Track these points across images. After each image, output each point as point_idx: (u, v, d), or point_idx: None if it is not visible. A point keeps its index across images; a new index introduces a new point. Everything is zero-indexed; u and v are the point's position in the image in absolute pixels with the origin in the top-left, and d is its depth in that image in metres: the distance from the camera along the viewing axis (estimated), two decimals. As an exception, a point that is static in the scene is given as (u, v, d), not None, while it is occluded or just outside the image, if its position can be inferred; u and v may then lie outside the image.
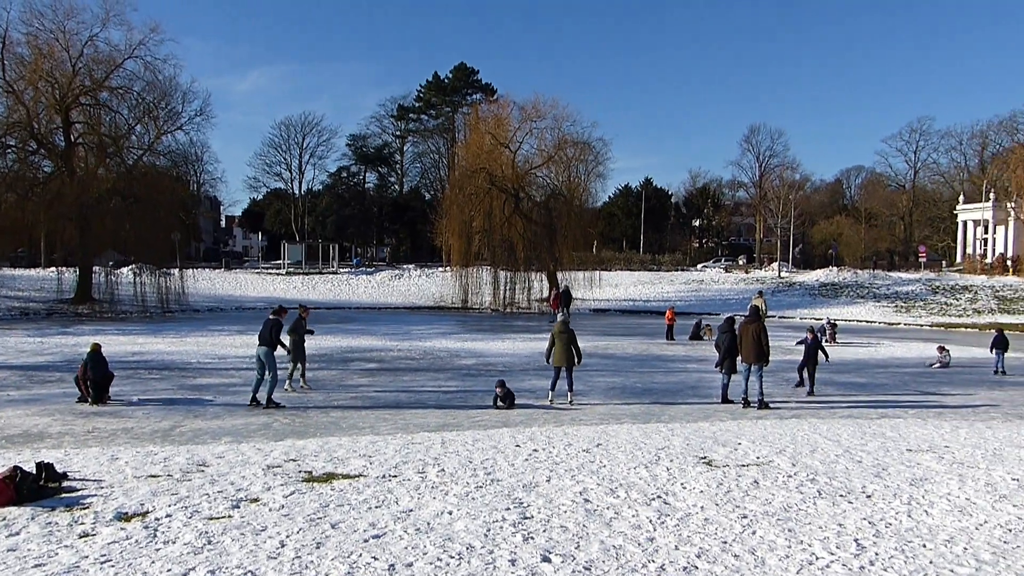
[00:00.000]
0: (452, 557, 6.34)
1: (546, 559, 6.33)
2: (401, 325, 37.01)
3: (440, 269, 60.41)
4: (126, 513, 7.47)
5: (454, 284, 51.53)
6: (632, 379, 20.10)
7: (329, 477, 9.12)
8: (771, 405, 15.88)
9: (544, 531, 7.08)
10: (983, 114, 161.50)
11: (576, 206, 53.10)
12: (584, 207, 56.32)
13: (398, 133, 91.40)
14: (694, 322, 32.44)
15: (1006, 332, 23.65)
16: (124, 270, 48.26)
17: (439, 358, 24.24)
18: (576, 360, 16.25)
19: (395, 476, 9.17)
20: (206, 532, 6.85)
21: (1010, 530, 7.22)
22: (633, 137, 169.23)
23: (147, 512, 7.50)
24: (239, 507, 7.71)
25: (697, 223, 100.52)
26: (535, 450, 10.79)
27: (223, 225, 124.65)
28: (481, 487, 8.67)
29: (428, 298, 54.53)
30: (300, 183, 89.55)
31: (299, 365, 17.54)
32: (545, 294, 50.53)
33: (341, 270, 64.72)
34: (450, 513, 7.62)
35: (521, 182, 51.22)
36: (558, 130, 51.44)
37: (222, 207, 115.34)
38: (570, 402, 16.08)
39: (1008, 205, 63.97)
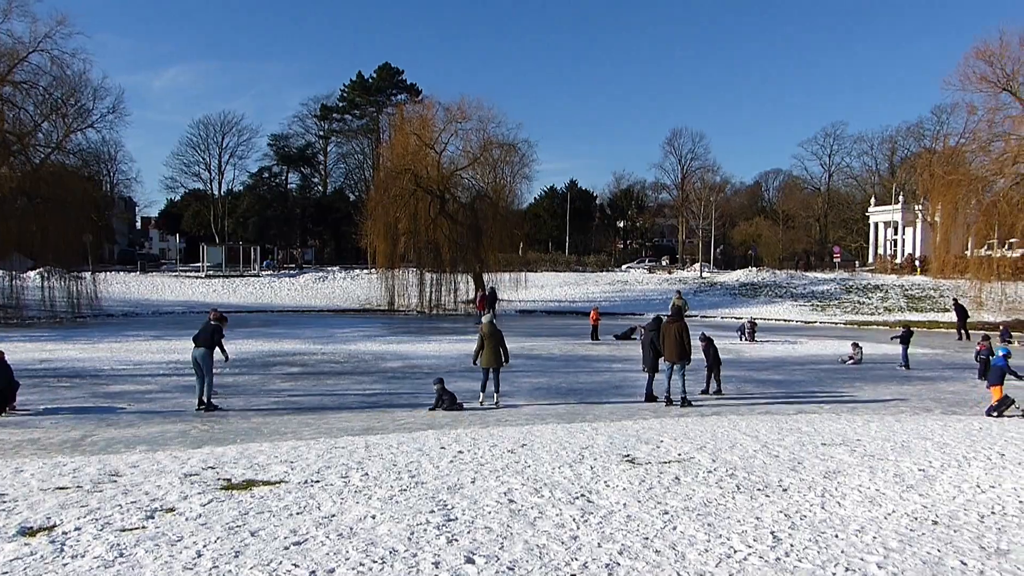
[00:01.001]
0: (375, 561, 6.27)
1: (470, 560, 6.32)
2: (325, 328, 36.47)
3: (365, 271, 59.79)
4: (31, 528, 7.16)
5: (380, 286, 51.05)
6: (557, 379, 20.25)
7: (249, 484, 8.92)
8: (693, 403, 16.21)
9: (468, 532, 7.07)
10: (892, 120, 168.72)
11: (502, 207, 53.18)
12: (510, 208, 56.47)
13: (321, 133, 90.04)
14: (629, 327, 32.74)
15: (912, 327, 24.85)
16: (31, 274, 46.24)
17: (364, 361, 23.98)
18: (503, 361, 16.30)
19: (317, 481, 9.03)
20: (118, 545, 6.62)
21: (916, 519, 7.52)
22: (558, 139, 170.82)
23: (54, 526, 7.20)
24: (153, 517, 7.47)
25: (621, 224, 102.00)
26: (460, 452, 10.77)
27: (139, 227, 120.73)
28: (405, 490, 8.61)
29: (353, 300, 53.90)
30: (220, 184, 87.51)
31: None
32: (471, 296, 50.49)
33: (263, 273, 63.47)
34: (373, 517, 7.54)
35: (447, 183, 51.06)
36: (483, 131, 51.52)
37: (137, 208, 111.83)
38: (496, 403, 16.10)
39: (916, 207, 66.68)
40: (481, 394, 16.30)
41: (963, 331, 34.96)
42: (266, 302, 52.85)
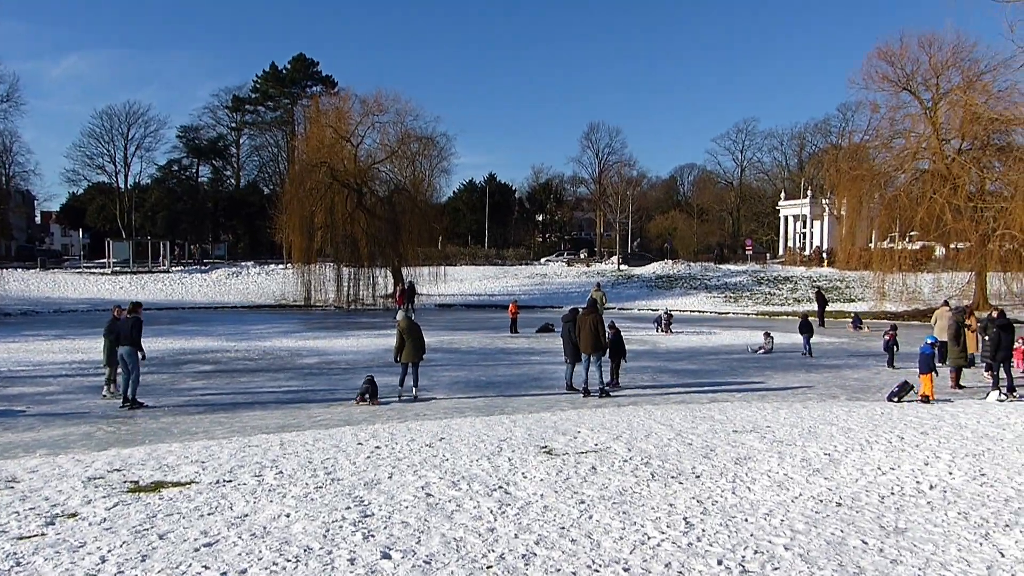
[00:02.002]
0: (289, 560, 6.15)
1: (386, 556, 6.26)
2: (239, 325, 35.59)
3: (281, 266, 58.62)
4: (-81, 537, 6.77)
5: (296, 281, 50.10)
6: (476, 373, 20.25)
7: (157, 486, 8.64)
8: (611, 394, 16.44)
9: (385, 528, 7.01)
10: (801, 117, 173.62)
11: (421, 201, 52.88)
12: (429, 202, 56.25)
13: (234, 125, 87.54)
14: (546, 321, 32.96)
15: (810, 318, 25.97)
16: (-80, 272, 43.78)
17: (279, 358, 23.51)
18: (420, 355, 16.25)
19: (230, 481, 8.81)
20: (15, 553, 6.31)
21: (821, 501, 7.80)
22: (477, 133, 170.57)
23: (-56, 535, 6.83)
24: (54, 524, 7.16)
25: (540, 218, 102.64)
26: (377, 447, 10.66)
27: (38, 221, 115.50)
28: (321, 487, 8.47)
29: (268, 296, 52.78)
30: (126, 177, 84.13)
31: (114, 370, 16.49)
32: (390, 290, 50.07)
33: (173, 269, 61.53)
34: (288, 516, 7.40)
35: (364, 177, 50.42)
36: (401, 124, 51.05)
37: (37, 202, 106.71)
38: (414, 397, 16.01)
39: (823, 201, 69.06)
40: (400, 388, 16.19)
41: (822, 319, 37.14)
42: (176, 299, 51.28)
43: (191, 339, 28.42)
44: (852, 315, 37.29)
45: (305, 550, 6.40)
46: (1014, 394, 16.21)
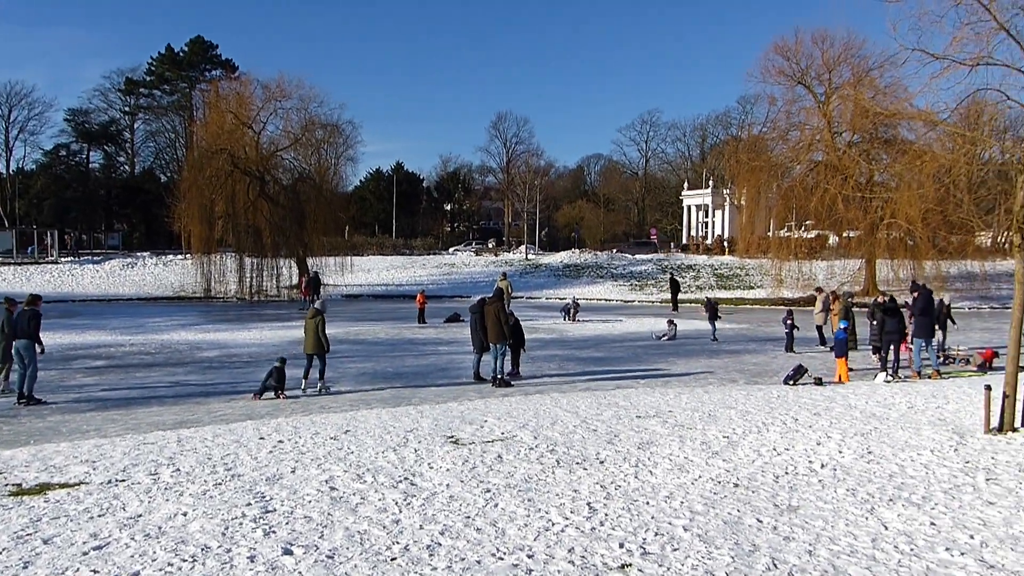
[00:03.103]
0: (185, 560, 5.96)
1: (287, 552, 6.14)
2: (135, 318, 34.19)
3: (180, 256, 56.61)
4: None
5: (195, 272, 48.46)
6: (383, 364, 20.06)
7: (43, 488, 8.23)
8: (512, 383, 16.52)
9: (287, 523, 6.86)
10: (703, 109, 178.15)
11: (326, 190, 51.86)
12: (335, 191, 55.22)
13: (127, 109, 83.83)
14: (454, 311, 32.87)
15: (718, 305, 26.74)
16: None
17: (178, 351, 22.72)
18: (325, 347, 15.95)
19: (123, 480, 8.47)
20: None
21: (719, 482, 8.03)
22: (384, 121, 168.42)
23: None
24: (-73, 531, 6.73)
25: (449, 207, 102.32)
26: (280, 441, 10.43)
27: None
28: (220, 484, 8.24)
29: (166, 288, 50.92)
30: (8, 162, 79.65)
31: (9, 366, 15.69)
32: (295, 281, 49.03)
33: (63, 260, 58.68)
34: (184, 514, 7.17)
35: (267, 164, 49.11)
36: (305, 111, 49.84)
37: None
38: (319, 390, 15.75)
39: (724, 191, 71.14)
40: (304, 381, 15.87)
41: (675, 303, 39.39)
42: (66, 291, 48.87)
43: (82, 333, 27.16)
44: (704, 299, 38.85)
45: (203, 549, 6.21)
46: (899, 375, 17.06)
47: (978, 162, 15.77)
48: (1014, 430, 10.10)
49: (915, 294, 17.74)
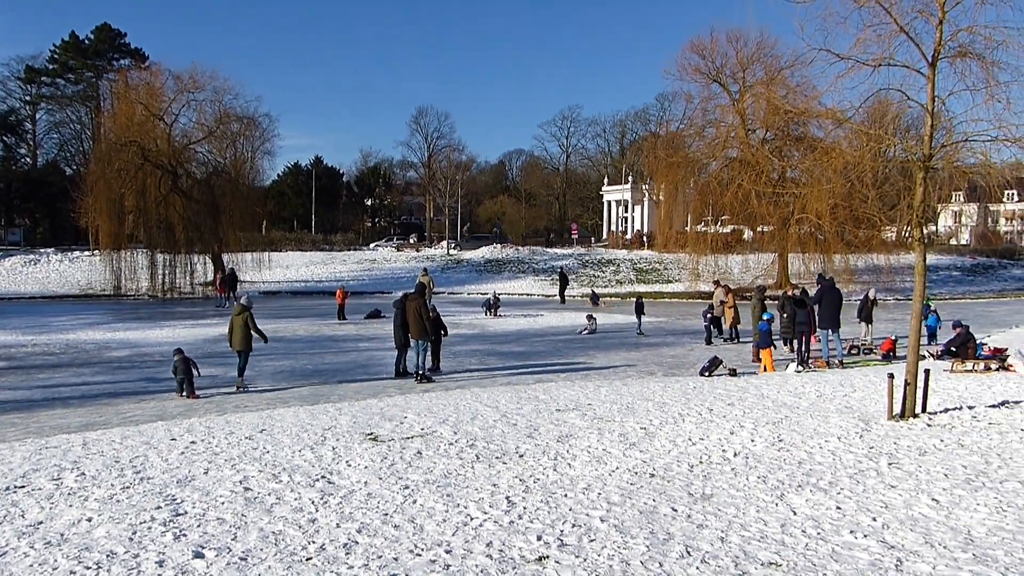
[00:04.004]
0: (89, 568, 5.75)
1: (199, 555, 5.98)
2: (38, 317, 32.70)
3: (87, 253, 54.42)
4: None
5: (104, 269, 46.68)
6: (302, 361, 19.71)
7: (-65, 496, 7.81)
8: (432, 378, 16.45)
9: (199, 526, 6.69)
10: (622, 106, 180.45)
11: (242, 184, 50.53)
12: (251, 185, 53.78)
13: (28, 98, 79.77)
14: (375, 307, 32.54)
15: (644, 299, 27.29)
16: None
17: (85, 351, 21.85)
18: (263, 340, 15.91)
19: (22, 487, 8.10)
20: None
21: (636, 473, 8.16)
22: (302, 114, 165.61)
23: None
24: None
25: (369, 202, 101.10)
26: (193, 442, 10.15)
27: None
28: (128, 487, 7.97)
29: (73, 286, 48.89)
30: None
31: None
32: (210, 278, 47.71)
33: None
34: (89, 520, 6.91)
35: (179, 158, 47.57)
36: (220, 103, 48.43)
37: None
38: (237, 388, 15.41)
39: (643, 187, 72.18)
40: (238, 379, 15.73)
41: (562, 296, 40.80)
42: (-37, 290, 46.54)
43: (-19, 334, 25.88)
44: (591, 292, 40.46)
45: (108, 555, 6.00)
46: (809, 365, 17.64)
47: (882, 159, 16.39)
48: (915, 416, 10.56)
49: (819, 286, 18.39)
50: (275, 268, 53.59)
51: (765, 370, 17.14)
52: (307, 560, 5.84)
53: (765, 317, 18.17)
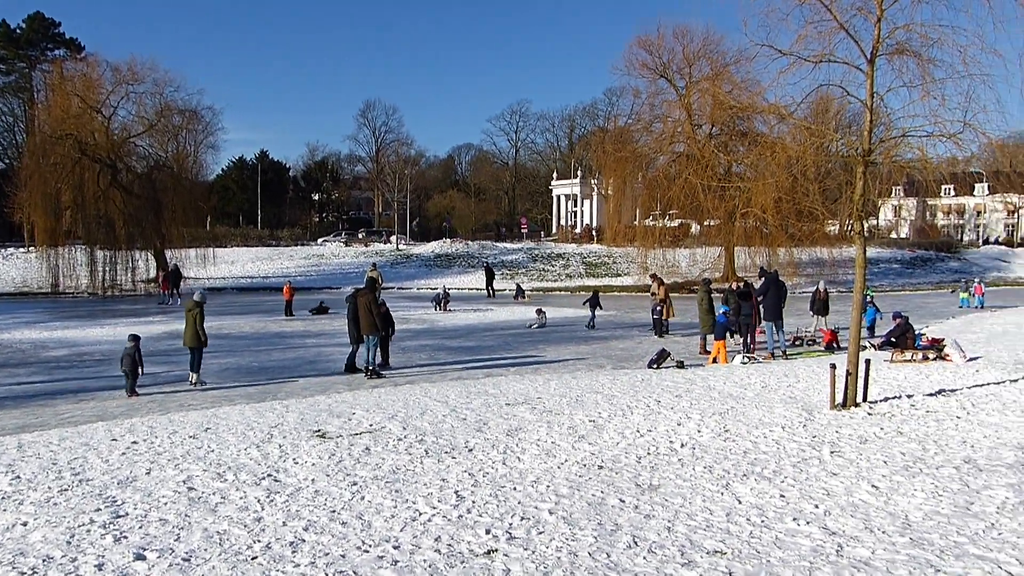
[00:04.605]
0: (24, 573, 5.60)
1: (140, 557, 5.85)
2: (-28, 316, 31.67)
3: (22, 250, 52.88)
4: None
5: (40, 266, 45.39)
6: (248, 358, 19.39)
7: None
8: (383, 373, 16.34)
9: (140, 527, 6.54)
10: (571, 100, 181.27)
11: (185, 179, 49.51)
12: (195, 180, 52.71)
13: (-46, 89, 77.13)
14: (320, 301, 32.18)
15: (598, 291, 27.55)
16: None
17: (20, 351, 21.20)
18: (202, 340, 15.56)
19: (-47, 491, 7.83)
20: None
21: (585, 465, 8.20)
22: (247, 108, 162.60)
23: None
24: None
25: (317, 197, 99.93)
26: (135, 442, 9.91)
27: None
28: (66, 490, 7.75)
29: (7, 283, 47.40)
30: None
31: None
32: (153, 274, 46.71)
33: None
34: (25, 524, 6.71)
35: (119, 151, 46.37)
36: (160, 96, 47.36)
37: None
38: (193, 383, 15.21)
39: (592, 181, 72.62)
40: (195, 375, 15.54)
41: (491, 289, 41.63)
42: None
43: (-90, 334, 24.94)
44: (516, 286, 41.66)
45: (44, 560, 5.83)
46: (754, 357, 17.94)
47: (824, 154, 16.74)
48: (856, 405, 10.81)
49: (763, 279, 18.72)
50: (220, 264, 52.66)
51: (716, 361, 17.38)
52: (252, 559, 5.75)
53: (722, 310, 18.45)
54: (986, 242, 79.32)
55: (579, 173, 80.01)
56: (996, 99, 10.44)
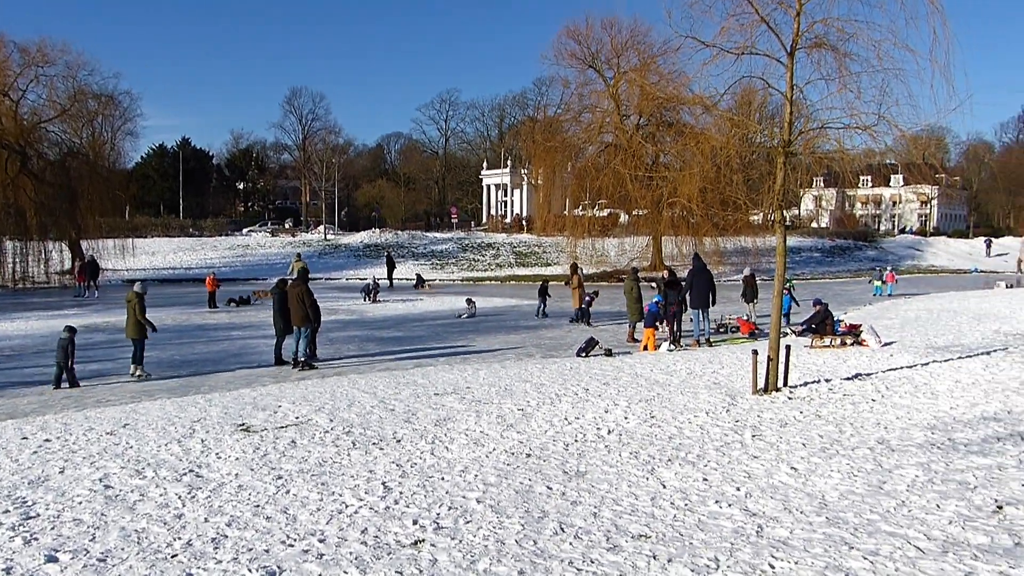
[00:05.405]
0: (-76, 580, 5.31)
1: (52, 559, 5.64)
2: None
3: (-75, 241, 50.32)
4: None
5: (-57, 259, 43.34)
6: (169, 351, 18.85)
7: None
8: (316, 366, 16.10)
9: (52, 528, 6.30)
10: (501, 90, 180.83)
11: (102, 167, 47.75)
12: (112, 168, 50.89)
13: None
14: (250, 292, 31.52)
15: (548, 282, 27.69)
16: None
17: (-75, 346, 20.20)
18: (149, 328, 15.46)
19: None
20: None
21: (513, 454, 8.22)
22: (167, 93, 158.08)
23: None
24: None
25: (242, 186, 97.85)
26: (47, 440, 9.54)
27: None
28: (-28, 491, 7.41)
29: (-91, 276, 45.10)
30: None
31: None
32: (68, 266, 45.01)
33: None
34: (-74, 528, 6.38)
35: (29, 137, 44.39)
36: (73, 79, 45.46)
37: None
38: (135, 375, 15.04)
39: (522, 171, 72.85)
40: (139, 367, 15.24)
41: (390, 280, 41.77)
42: None
43: None
44: (416, 275, 42.08)
45: (-53, 565, 5.56)
46: (680, 344, 18.26)
47: (747, 144, 17.08)
48: (777, 390, 11.11)
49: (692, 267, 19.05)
50: (140, 255, 51.04)
51: (646, 348, 17.63)
52: (172, 557, 5.61)
53: (656, 299, 18.71)
54: (902, 231, 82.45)
55: (509, 163, 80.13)
56: (908, 93, 10.79)
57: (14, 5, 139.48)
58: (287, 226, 76.96)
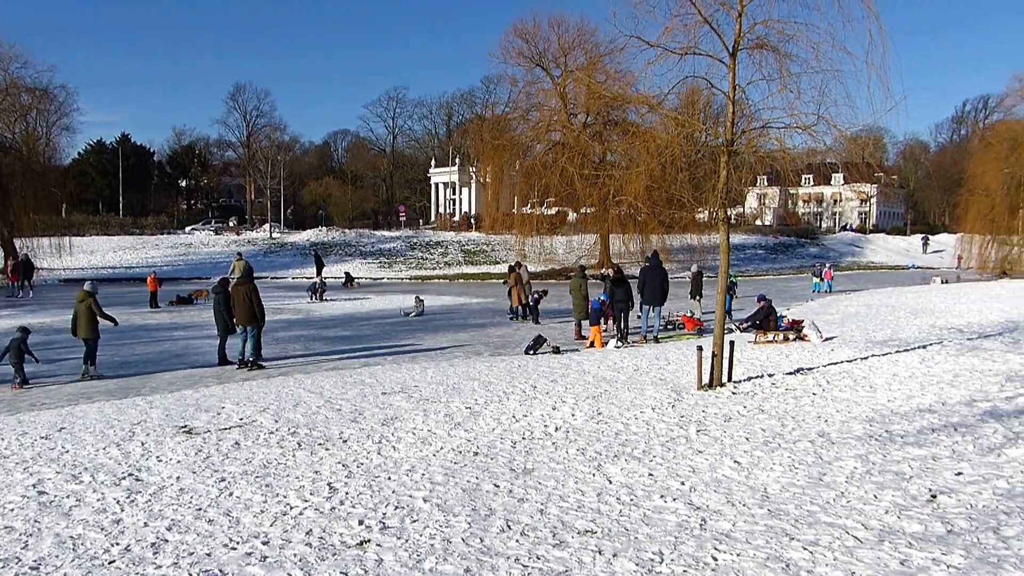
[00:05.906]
0: None
1: (-19, 569, 5.45)
2: None
3: None
4: None
5: None
6: (108, 352, 18.31)
7: None
8: (264, 366, 15.85)
9: (-18, 537, 6.09)
10: (448, 87, 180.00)
11: (36, 163, 46.18)
12: (47, 164, 49.23)
13: None
14: (194, 290, 30.86)
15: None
16: None
17: None
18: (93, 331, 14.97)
19: None
20: None
21: (460, 452, 8.21)
22: (106, 89, 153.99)
23: None
24: None
25: (184, 183, 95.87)
26: (-22, 445, 9.23)
27: None
28: (-102, 499, 7.13)
29: None
30: None
31: None
32: (0, 265, 43.57)
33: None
34: None
35: (-42, 133, 43.05)
36: (5, 72, 43.85)
37: None
38: (85, 374, 14.79)
39: (471, 169, 72.71)
40: (92, 367, 14.91)
41: (320, 278, 41.82)
42: None
43: None
44: (345, 273, 41.96)
45: None
46: (628, 341, 18.42)
47: (692, 143, 17.30)
48: (722, 385, 11.28)
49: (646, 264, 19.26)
50: (78, 254, 49.71)
51: (592, 346, 17.75)
52: (110, 563, 5.47)
53: (601, 297, 18.83)
54: (843, 229, 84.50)
55: (457, 161, 79.92)
56: (846, 94, 11.04)
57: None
58: (231, 224, 75.66)
